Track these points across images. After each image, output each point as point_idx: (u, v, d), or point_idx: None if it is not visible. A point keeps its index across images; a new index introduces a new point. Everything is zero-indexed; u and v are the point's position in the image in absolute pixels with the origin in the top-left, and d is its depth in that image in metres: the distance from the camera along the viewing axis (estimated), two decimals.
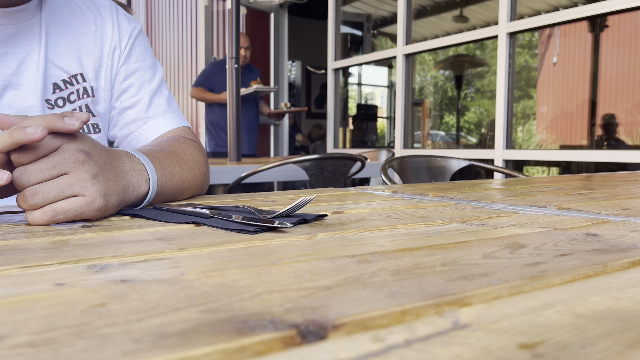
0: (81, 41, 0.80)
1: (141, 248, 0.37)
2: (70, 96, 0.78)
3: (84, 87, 0.80)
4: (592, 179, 1.12)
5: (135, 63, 0.85)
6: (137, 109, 0.84)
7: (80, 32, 0.80)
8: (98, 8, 0.84)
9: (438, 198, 0.75)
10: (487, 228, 0.47)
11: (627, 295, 0.26)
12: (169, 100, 0.87)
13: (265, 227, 0.45)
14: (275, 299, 0.25)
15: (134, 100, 0.84)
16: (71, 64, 0.79)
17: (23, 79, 0.74)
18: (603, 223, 0.50)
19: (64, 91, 0.78)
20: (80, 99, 0.80)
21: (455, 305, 0.24)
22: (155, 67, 0.88)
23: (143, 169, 0.58)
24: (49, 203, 0.47)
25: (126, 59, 0.84)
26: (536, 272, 0.30)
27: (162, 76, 0.89)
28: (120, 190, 0.53)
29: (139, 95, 0.84)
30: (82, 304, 0.24)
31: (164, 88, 0.88)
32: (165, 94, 0.88)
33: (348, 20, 4.55)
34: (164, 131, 0.84)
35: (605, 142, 3.37)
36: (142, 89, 0.85)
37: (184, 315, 0.22)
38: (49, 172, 0.47)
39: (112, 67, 0.83)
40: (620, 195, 0.77)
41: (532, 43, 3.65)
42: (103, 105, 0.83)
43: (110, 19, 0.83)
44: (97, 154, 0.51)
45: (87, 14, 0.82)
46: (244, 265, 0.32)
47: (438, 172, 1.77)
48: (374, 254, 0.35)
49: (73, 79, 0.79)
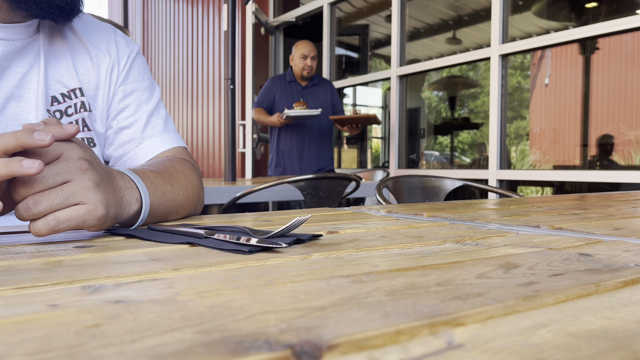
0: (79, 59, 0.82)
1: (136, 269, 0.37)
2: (68, 109, 0.80)
3: (81, 102, 0.81)
4: (585, 199, 1.13)
5: (133, 84, 0.86)
6: (133, 129, 0.85)
7: (78, 51, 0.82)
8: (96, 30, 0.85)
9: (432, 218, 0.75)
10: (481, 248, 0.47)
11: (619, 315, 0.26)
12: (165, 121, 0.88)
13: (260, 247, 0.45)
14: (270, 320, 0.25)
15: (131, 120, 0.85)
16: (70, 79, 0.80)
17: (25, 91, 0.75)
18: (596, 243, 0.50)
19: (62, 104, 0.79)
20: (78, 112, 0.81)
21: (450, 325, 0.24)
22: (152, 88, 0.89)
23: (134, 187, 0.58)
24: (52, 211, 0.46)
25: (124, 79, 0.85)
26: (530, 292, 0.30)
27: (159, 97, 0.90)
28: (117, 204, 0.53)
29: (136, 115, 0.85)
30: (76, 325, 0.24)
31: (161, 109, 0.89)
32: (162, 115, 0.89)
33: (343, 42, 4.61)
34: (160, 151, 0.85)
35: (598, 162, 3.40)
36: (139, 109, 0.86)
37: (178, 335, 0.22)
38: (53, 179, 0.46)
39: (110, 87, 0.84)
40: (613, 215, 0.78)
41: (524, 65, 3.70)
42: (99, 123, 0.84)
43: (108, 40, 0.85)
44: (97, 164, 0.51)
45: (85, 35, 0.83)
46: (239, 285, 0.32)
47: (432, 192, 1.77)
48: (369, 274, 0.35)
49: (71, 92, 0.80)
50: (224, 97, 2.71)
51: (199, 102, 5.40)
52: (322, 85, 3.33)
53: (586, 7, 3.42)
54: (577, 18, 3.45)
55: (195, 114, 5.47)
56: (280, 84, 3.31)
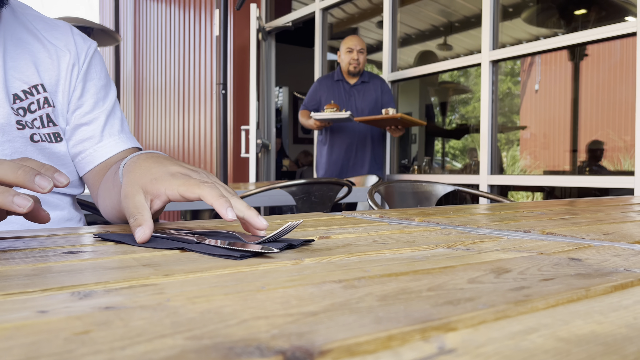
0: (38, 56, 0.83)
1: (126, 274, 0.37)
2: (31, 106, 0.80)
3: (44, 97, 0.82)
4: (575, 204, 1.14)
5: (91, 81, 0.88)
6: (93, 127, 0.86)
7: (36, 49, 0.83)
8: (52, 27, 0.87)
9: (424, 223, 0.75)
10: (473, 253, 0.47)
11: (609, 320, 0.26)
12: (122, 122, 0.91)
13: (251, 252, 0.44)
14: (262, 325, 0.24)
15: (89, 117, 0.86)
16: (30, 75, 0.81)
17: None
18: (586, 248, 0.51)
19: (24, 101, 0.80)
20: (41, 108, 0.82)
21: (441, 330, 0.24)
22: (109, 87, 0.91)
23: None
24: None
25: (84, 75, 0.87)
26: (521, 296, 0.31)
27: (115, 96, 0.92)
28: None
29: (94, 112, 0.87)
30: (66, 332, 0.23)
31: (117, 109, 0.91)
32: (119, 115, 0.91)
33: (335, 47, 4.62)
34: (118, 150, 0.87)
35: (588, 167, 3.43)
36: (96, 107, 0.87)
37: (169, 342, 0.22)
38: None
39: (71, 83, 0.85)
40: (603, 220, 0.78)
41: (515, 71, 3.73)
42: (62, 119, 0.85)
43: (66, 38, 0.86)
44: None
45: (43, 33, 0.85)
46: (230, 291, 0.32)
47: (424, 197, 1.78)
48: (361, 279, 0.35)
49: (33, 89, 0.81)
50: (216, 103, 2.71)
51: (192, 108, 5.39)
52: (371, 83, 3.10)
53: (575, 14, 3.46)
54: (566, 25, 3.49)
55: (188, 120, 5.46)
56: (327, 83, 3.14)
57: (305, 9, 4.29)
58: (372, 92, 3.10)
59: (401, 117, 2.73)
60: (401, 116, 2.73)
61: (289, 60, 6.57)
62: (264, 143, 4.38)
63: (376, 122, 2.92)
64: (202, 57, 5.22)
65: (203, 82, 5.20)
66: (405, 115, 2.78)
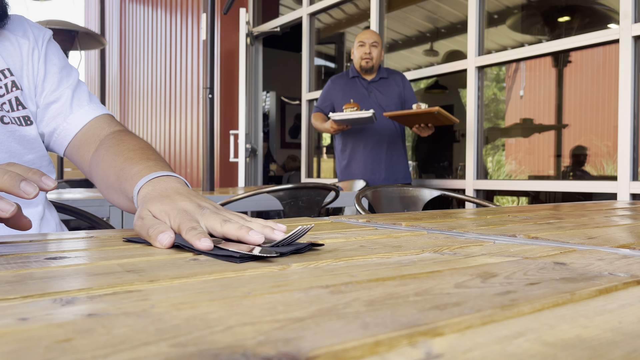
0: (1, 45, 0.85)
1: (110, 280, 0.36)
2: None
3: (12, 81, 0.84)
4: (559, 209, 1.15)
5: (51, 62, 0.91)
6: (61, 103, 0.89)
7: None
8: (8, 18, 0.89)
9: (411, 227, 0.75)
10: (459, 257, 0.48)
11: (594, 324, 0.26)
12: (89, 95, 0.93)
13: (251, 256, 0.45)
14: (248, 332, 0.24)
15: (57, 94, 0.89)
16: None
17: None
18: (570, 252, 0.51)
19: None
20: (9, 92, 0.83)
21: (428, 335, 0.24)
22: (70, 67, 0.94)
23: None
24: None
25: (45, 57, 0.90)
26: (507, 301, 0.31)
27: (78, 75, 0.95)
28: None
29: (60, 89, 0.90)
30: (47, 340, 0.23)
31: (83, 85, 0.94)
32: (85, 89, 0.94)
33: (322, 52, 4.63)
34: (90, 119, 0.89)
35: (572, 172, 3.47)
36: (61, 84, 0.90)
37: (153, 349, 0.22)
38: None
39: (34, 66, 0.88)
40: (587, 225, 0.79)
41: (500, 77, 3.77)
42: (30, 102, 0.87)
43: (23, 27, 0.90)
44: None
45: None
46: (216, 297, 0.32)
47: (411, 202, 1.78)
48: (348, 284, 0.35)
49: (0, 74, 0.82)
50: (202, 108, 2.70)
51: (179, 112, 5.36)
52: (391, 79, 2.76)
53: (559, 22, 3.51)
54: (550, 32, 3.54)
55: (174, 124, 5.43)
56: (341, 82, 2.79)
57: (293, 14, 4.30)
58: (394, 88, 2.75)
59: (438, 111, 2.34)
60: (438, 110, 2.35)
61: (276, 64, 6.57)
62: (253, 148, 4.37)
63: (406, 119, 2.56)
64: (189, 61, 5.20)
65: (190, 86, 5.18)
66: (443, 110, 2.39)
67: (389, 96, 2.74)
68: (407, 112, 2.45)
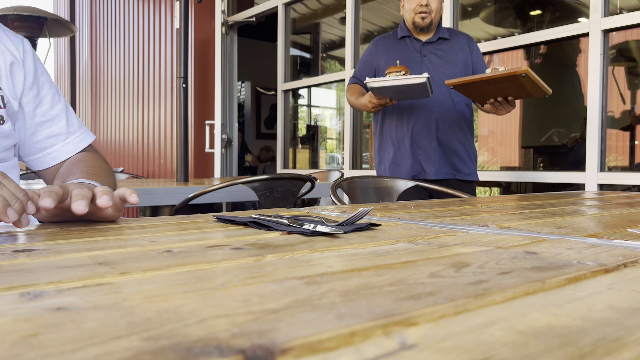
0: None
1: (80, 273, 0.36)
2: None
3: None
4: (530, 199, 1.17)
5: (43, 76, 0.93)
6: (58, 125, 0.94)
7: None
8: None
9: (385, 218, 0.76)
10: (433, 247, 0.48)
11: (564, 312, 0.27)
12: (76, 116, 0.98)
13: (320, 232, 0.54)
14: (222, 324, 0.24)
15: (52, 114, 0.93)
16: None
17: None
18: (541, 241, 0.52)
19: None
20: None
21: (403, 325, 0.24)
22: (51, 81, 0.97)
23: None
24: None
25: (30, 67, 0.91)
26: (480, 290, 0.31)
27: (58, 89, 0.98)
28: None
29: (55, 110, 0.93)
30: (13, 335, 0.22)
31: (67, 103, 0.98)
32: (72, 110, 0.98)
33: (297, 43, 4.61)
34: (82, 147, 0.95)
35: (542, 163, 3.54)
36: (54, 103, 0.94)
37: (124, 343, 0.21)
38: None
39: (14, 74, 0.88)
40: (556, 215, 0.81)
41: None
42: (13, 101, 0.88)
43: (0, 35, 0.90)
44: None
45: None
46: (189, 289, 0.31)
47: (385, 193, 1.80)
48: (323, 275, 0.35)
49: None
50: (176, 96, 2.66)
51: (152, 102, 5.26)
52: (454, 40, 2.03)
53: (531, 15, 3.56)
54: (522, 25, 3.59)
55: (147, 114, 5.33)
56: (386, 44, 2.07)
57: (268, 3, 4.25)
58: (458, 52, 2.02)
59: (526, 72, 1.59)
60: (527, 71, 1.59)
61: (251, 54, 6.51)
62: (229, 138, 4.33)
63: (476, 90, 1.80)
64: (162, 50, 5.11)
65: (163, 75, 5.09)
66: (532, 72, 1.63)
67: (450, 62, 1.99)
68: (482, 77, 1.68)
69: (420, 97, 1.85)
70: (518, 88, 1.72)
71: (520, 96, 1.84)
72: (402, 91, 1.79)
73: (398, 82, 1.74)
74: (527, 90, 1.75)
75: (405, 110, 2.01)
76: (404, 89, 1.78)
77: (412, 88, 1.76)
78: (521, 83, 1.68)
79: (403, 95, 1.84)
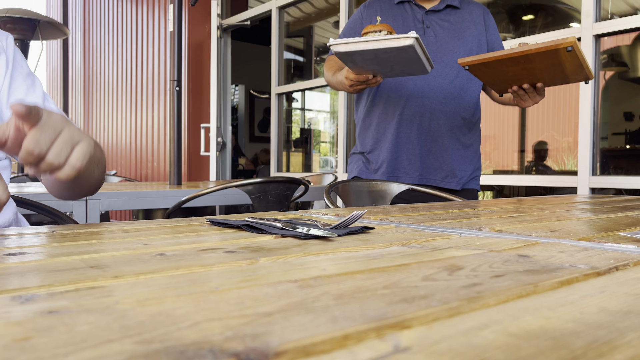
0: None
1: (72, 276, 0.35)
2: None
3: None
4: (522, 203, 1.18)
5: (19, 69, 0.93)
6: None
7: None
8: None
9: (379, 221, 0.76)
10: (426, 250, 0.48)
11: (557, 315, 0.27)
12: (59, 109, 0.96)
13: (314, 236, 0.54)
14: (215, 327, 0.24)
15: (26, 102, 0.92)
16: None
17: None
18: (533, 245, 0.52)
19: None
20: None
21: (396, 328, 0.24)
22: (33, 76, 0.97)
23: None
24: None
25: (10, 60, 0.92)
26: (473, 293, 0.31)
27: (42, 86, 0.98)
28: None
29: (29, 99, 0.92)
30: (4, 339, 0.22)
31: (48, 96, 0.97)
32: (51, 100, 0.97)
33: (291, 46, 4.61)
34: None
35: (534, 167, 3.56)
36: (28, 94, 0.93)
37: (116, 347, 0.21)
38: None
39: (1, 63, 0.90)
40: (549, 218, 0.81)
41: None
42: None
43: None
44: None
45: None
46: (183, 292, 0.31)
47: (379, 196, 1.80)
48: (317, 278, 0.35)
49: None
50: (170, 99, 2.65)
51: (145, 104, 5.25)
52: (466, 11, 1.60)
53: (523, 20, 3.58)
54: (515, 29, 3.62)
55: (141, 117, 5.32)
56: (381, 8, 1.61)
57: (262, 7, 4.26)
58: (470, 25, 1.60)
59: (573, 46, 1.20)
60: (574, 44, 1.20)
61: (245, 58, 6.51)
62: (224, 141, 4.32)
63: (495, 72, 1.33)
64: (156, 53, 5.10)
65: (156, 78, 5.08)
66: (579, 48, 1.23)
67: (460, 38, 1.57)
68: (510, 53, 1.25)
69: (414, 72, 1.32)
70: (555, 69, 1.29)
71: (555, 81, 1.37)
72: (384, 60, 1.25)
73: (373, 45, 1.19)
74: (565, 72, 1.31)
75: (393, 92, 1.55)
76: (386, 57, 1.23)
77: (398, 55, 1.22)
78: (561, 62, 1.25)
79: (389, 67, 1.30)
